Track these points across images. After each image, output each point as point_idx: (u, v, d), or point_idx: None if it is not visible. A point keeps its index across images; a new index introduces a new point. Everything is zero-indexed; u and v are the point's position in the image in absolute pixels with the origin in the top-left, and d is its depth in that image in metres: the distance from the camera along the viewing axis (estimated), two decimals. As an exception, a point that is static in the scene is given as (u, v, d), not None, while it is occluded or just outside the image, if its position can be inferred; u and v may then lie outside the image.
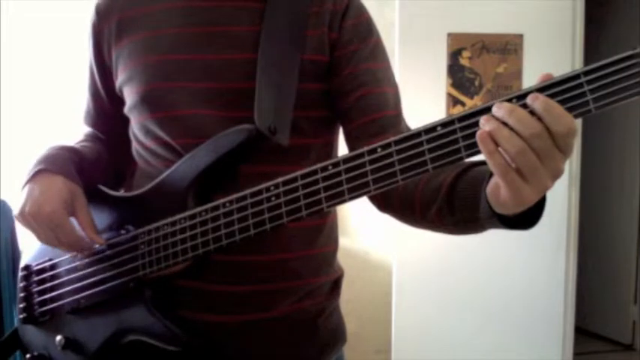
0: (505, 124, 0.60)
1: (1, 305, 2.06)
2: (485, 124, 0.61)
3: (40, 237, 0.89)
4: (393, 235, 2.58)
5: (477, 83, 2.50)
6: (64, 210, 0.87)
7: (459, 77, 2.50)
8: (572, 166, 2.53)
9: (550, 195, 0.67)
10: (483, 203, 0.69)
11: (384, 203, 0.90)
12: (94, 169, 0.99)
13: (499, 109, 0.60)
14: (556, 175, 0.61)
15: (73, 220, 0.90)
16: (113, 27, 0.96)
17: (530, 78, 2.43)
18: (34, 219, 0.87)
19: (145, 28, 0.93)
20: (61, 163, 0.91)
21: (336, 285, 1.01)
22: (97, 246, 0.91)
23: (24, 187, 0.90)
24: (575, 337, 2.65)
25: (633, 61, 0.57)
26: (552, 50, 2.49)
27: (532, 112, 0.59)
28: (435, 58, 2.49)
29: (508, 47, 2.49)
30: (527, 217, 0.68)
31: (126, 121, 0.98)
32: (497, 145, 0.60)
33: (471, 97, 2.50)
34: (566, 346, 2.57)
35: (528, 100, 0.60)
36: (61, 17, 2.50)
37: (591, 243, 3.36)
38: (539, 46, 2.49)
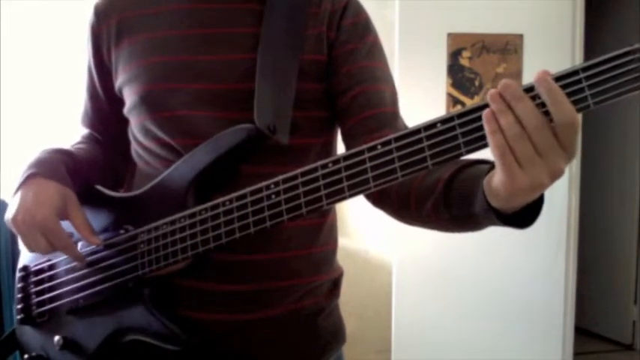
0: (511, 108, 0.60)
1: (1, 305, 2.06)
2: (492, 101, 0.60)
3: (31, 244, 0.88)
4: (393, 235, 2.58)
5: (476, 83, 2.51)
6: (55, 216, 0.87)
7: (459, 77, 2.50)
8: (572, 166, 2.53)
9: (550, 195, 0.67)
10: (480, 198, 0.69)
11: (379, 198, 0.90)
12: (90, 170, 0.98)
13: (506, 89, 0.60)
14: (555, 172, 0.60)
15: (68, 224, 0.90)
16: (113, 28, 0.96)
17: (530, 78, 2.40)
18: (25, 226, 0.86)
19: (145, 30, 0.93)
20: (53, 166, 0.91)
21: (335, 285, 1.01)
22: (93, 247, 0.91)
23: (16, 192, 0.89)
24: (575, 337, 2.65)
25: (631, 57, 0.58)
26: (552, 50, 2.49)
27: (537, 106, 0.60)
28: (435, 58, 2.49)
29: (508, 47, 2.49)
30: (524, 217, 0.67)
31: (124, 122, 0.98)
32: (499, 125, 0.60)
33: (471, 97, 2.50)
34: (566, 346, 2.57)
35: (535, 82, 0.60)
36: (60, 18, 2.50)
37: (591, 243, 3.36)
38: (539, 46, 2.49)
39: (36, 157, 0.93)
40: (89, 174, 0.98)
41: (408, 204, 0.84)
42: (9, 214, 0.88)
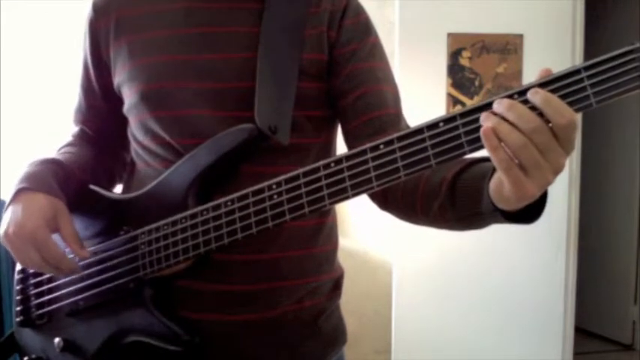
0: (505, 120, 0.60)
1: (1, 306, 2.05)
2: (485, 120, 0.61)
3: (25, 259, 0.87)
4: (392, 235, 2.58)
5: (477, 83, 2.50)
6: (46, 227, 0.86)
7: (459, 77, 2.50)
8: (572, 166, 2.53)
9: (550, 195, 0.67)
10: (485, 198, 0.69)
11: (384, 201, 0.90)
12: (82, 174, 0.98)
13: (499, 105, 0.61)
14: (557, 169, 0.61)
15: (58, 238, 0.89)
16: (112, 25, 0.96)
17: (530, 78, 2.41)
18: (17, 237, 0.85)
19: (145, 28, 0.93)
20: (42, 179, 0.90)
21: (336, 285, 1.00)
22: (93, 248, 0.91)
23: (6, 208, 0.89)
24: (575, 337, 2.65)
25: (632, 56, 0.58)
26: (552, 50, 2.49)
27: (533, 108, 0.60)
28: (435, 58, 2.49)
29: (508, 47, 2.49)
30: (529, 211, 0.68)
31: (117, 119, 0.98)
32: (500, 140, 0.60)
33: (471, 97, 2.50)
34: (566, 346, 2.57)
35: (529, 95, 0.61)
36: (60, 18, 2.50)
37: (591, 243, 3.36)
38: (539, 46, 2.49)
39: (25, 171, 0.92)
40: (82, 178, 0.97)
41: (415, 208, 0.84)
42: (1, 231, 0.88)
